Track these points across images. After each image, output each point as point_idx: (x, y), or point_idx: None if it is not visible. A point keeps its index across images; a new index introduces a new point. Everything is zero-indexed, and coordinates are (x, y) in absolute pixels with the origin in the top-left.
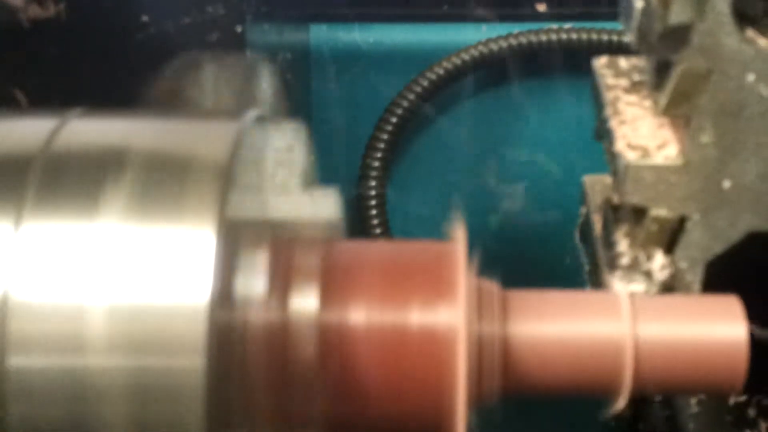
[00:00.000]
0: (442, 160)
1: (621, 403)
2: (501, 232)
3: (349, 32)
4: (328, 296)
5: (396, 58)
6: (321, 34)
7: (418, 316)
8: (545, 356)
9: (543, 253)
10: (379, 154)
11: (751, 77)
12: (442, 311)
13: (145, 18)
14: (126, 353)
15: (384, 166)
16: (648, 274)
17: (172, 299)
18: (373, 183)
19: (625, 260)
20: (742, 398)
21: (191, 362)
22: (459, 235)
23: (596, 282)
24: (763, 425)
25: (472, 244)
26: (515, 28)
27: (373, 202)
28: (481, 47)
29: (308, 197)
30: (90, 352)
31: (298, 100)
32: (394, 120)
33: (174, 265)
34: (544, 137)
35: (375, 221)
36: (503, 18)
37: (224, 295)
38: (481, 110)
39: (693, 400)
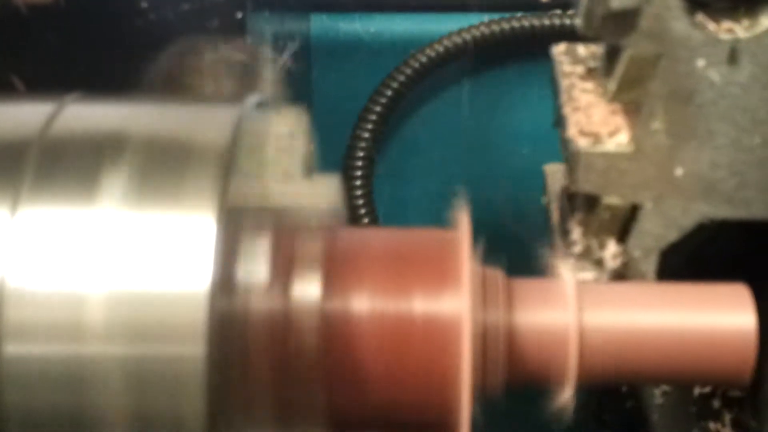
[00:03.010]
0: (430, 145)
1: (568, 393)
2: (487, 218)
3: (351, 22)
4: (330, 284)
5: (397, 48)
6: (322, 24)
7: (421, 305)
8: (551, 346)
9: (527, 239)
10: (365, 139)
11: (701, 63)
12: (446, 299)
13: (144, 4)
14: (125, 341)
15: (370, 152)
16: (599, 263)
17: (172, 286)
18: (359, 170)
19: (577, 248)
20: (707, 389)
21: (191, 350)
22: (463, 223)
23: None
24: (727, 416)
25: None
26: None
27: (359, 190)
28: (468, 32)
29: (310, 184)
30: (88, 339)
31: (299, 90)
32: (378, 108)
33: (174, 251)
34: (532, 122)
35: (361, 206)
36: (504, 7)
37: (225, 283)
38: (469, 95)
39: (657, 391)
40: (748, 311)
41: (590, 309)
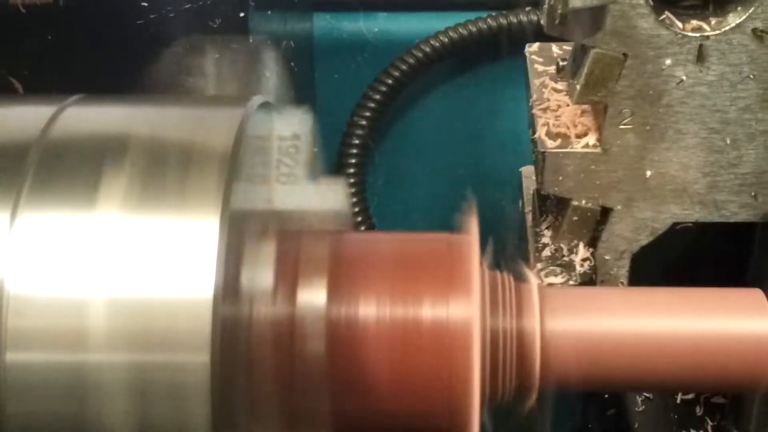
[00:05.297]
0: (424, 141)
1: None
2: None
3: (353, 21)
4: (336, 289)
5: (400, 47)
6: (324, 23)
7: (429, 310)
8: (566, 352)
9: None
10: (357, 141)
11: (668, 62)
12: (454, 305)
13: (144, 3)
14: (128, 348)
15: (363, 153)
16: (569, 267)
17: (175, 292)
18: (351, 170)
19: (547, 252)
20: (690, 396)
21: (195, 358)
22: (471, 227)
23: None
24: (709, 424)
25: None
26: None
27: (353, 178)
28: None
29: (315, 187)
30: (90, 347)
31: (302, 89)
32: (377, 96)
33: (177, 257)
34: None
35: (355, 208)
36: (506, 6)
37: (229, 289)
38: (468, 91)
39: (639, 398)
40: (765, 316)
41: (597, 316)
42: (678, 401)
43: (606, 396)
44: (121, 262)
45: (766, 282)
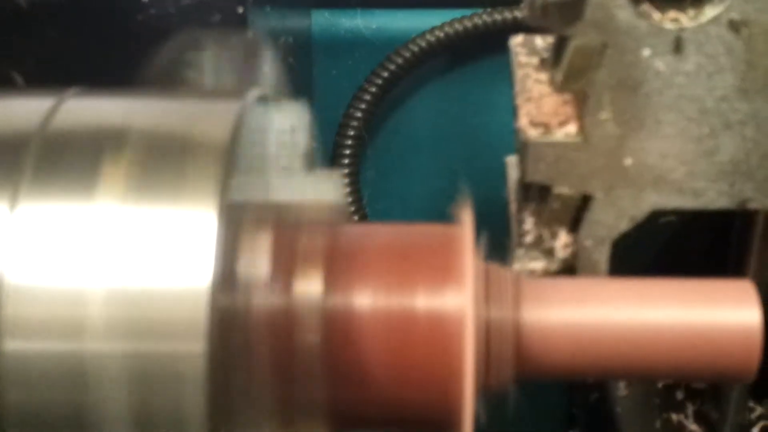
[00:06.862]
0: (417, 136)
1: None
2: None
3: (352, 18)
4: (332, 280)
5: (399, 44)
6: (323, 20)
7: (424, 301)
8: (560, 342)
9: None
10: (351, 133)
11: (646, 52)
12: (449, 295)
13: None
14: (125, 338)
15: (358, 144)
16: (550, 252)
17: (173, 282)
18: (346, 160)
19: (529, 238)
20: (671, 381)
21: (192, 347)
22: (466, 218)
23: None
24: (690, 408)
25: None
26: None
27: (347, 168)
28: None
29: (312, 180)
30: (88, 336)
31: (300, 86)
32: (372, 89)
33: (174, 247)
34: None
35: (348, 198)
36: (505, 2)
37: (226, 279)
38: (457, 86)
39: (621, 383)
40: (753, 307)
41: (590, 306)
42: (660, 386)
43: (589, 381)
44: (119, 252)
45: (746, 272)
